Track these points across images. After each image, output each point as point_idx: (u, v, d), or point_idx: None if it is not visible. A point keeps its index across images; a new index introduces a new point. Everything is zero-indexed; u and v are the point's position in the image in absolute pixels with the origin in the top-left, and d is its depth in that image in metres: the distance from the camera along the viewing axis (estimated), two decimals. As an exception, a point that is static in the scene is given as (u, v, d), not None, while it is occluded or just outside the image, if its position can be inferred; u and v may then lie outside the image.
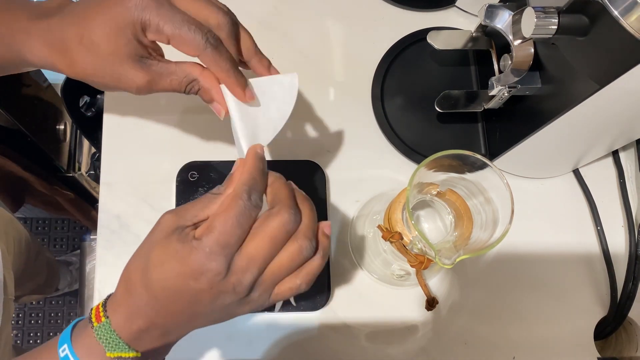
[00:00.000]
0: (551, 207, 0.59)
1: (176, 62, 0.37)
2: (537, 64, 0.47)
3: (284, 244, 0.33)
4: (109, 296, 0.36)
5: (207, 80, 0.37)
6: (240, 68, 0.40)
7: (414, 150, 0.58)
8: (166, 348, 0.37)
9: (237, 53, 0.39)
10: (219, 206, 0.33)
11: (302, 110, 0.60)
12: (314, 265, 0.34)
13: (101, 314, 0.34)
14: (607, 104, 0.43)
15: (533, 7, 0.40)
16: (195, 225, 0.33)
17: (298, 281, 0.34)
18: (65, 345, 0.34)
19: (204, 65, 0.38)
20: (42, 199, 1.03)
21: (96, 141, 0.86)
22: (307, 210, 0.35)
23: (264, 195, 0.35)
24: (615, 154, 0.60)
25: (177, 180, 0.55)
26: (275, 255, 0.33)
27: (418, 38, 0.61)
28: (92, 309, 0.35)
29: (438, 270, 0.55)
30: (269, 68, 0.41)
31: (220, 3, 0.39)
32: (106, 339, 0.33)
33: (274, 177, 0.35)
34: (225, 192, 0.34)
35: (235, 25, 0.39)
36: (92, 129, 0.78)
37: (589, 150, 0.54)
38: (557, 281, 0.56)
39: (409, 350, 0.53)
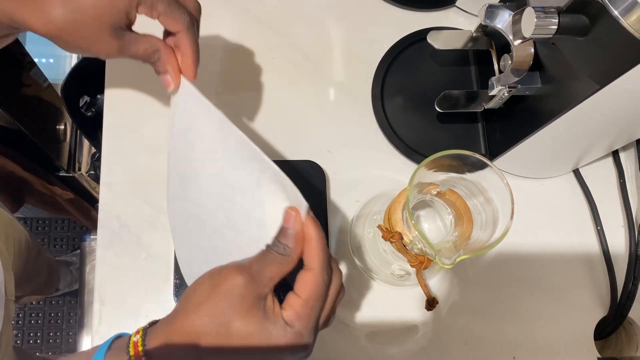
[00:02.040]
0: (551, 207, 0.59)
1: (143, 34, 0.41)
2: (537, 64, 0.47)
3: None
4: (144, 334, 0.34)
5: (168, 52, 0.41)
6: None
7: (414, 150, 0.58)
8: None
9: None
10: (302, 287, 0.34)
11: (303, 110, 0.60)
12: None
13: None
14: (607, 104, 0.43)
15: (533, 7, 0.40)
16: (271, 289, 0.34)
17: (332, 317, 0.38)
18: None
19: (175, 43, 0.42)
20: (42, 199, 1.03)
21: (96, 141, 0.86)
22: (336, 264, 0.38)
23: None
24: (615, 154, 0.60)
25: (177, 180, 0.55)
26: None
27: (418, 38, 0.61)
28: (129, 350, 0.33)
29: (438, 270, 0.55)
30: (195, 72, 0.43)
31: None
32: None
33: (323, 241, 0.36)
34: (295, 253, 0.34)
35: (200, 14, 0.44)
36: (92, 129, 0.78)
37: (589, 150, 0.54)
38: (557, 281, 0.56)
39: (409, 350, 0.53)
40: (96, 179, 1.02)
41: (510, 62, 0.48)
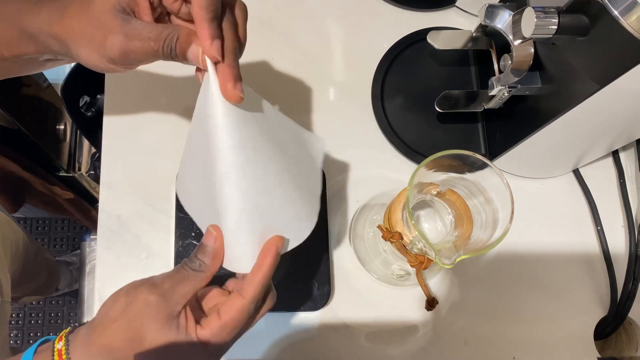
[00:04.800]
0: (551, 207, 0.59)
1: (157, 23, 0.35)
2: (537, 64, 0.47)
3: None
4: (67, 342, 0.35)
5: (187, 28, 0.33)
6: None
7: (414, 150, 0.58)
8: None
9: (244, 36, 0.36)
10: (226, 310, 0.34)
11: (303, 110, 0.60)
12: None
13: None
14: (607, 104, 0.43)
15: (533, 7, 0.40)
16: (185, 306, 0.34)
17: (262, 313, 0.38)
18: None
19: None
20: (42, 199, 1.03)
21: (96, 141, 0.86)
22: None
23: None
24: (615, 154, 0.60)
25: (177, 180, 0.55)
26: None
27: (418, 38, 0.61)
28: (53, 357, 0.34)
29: (438, 270, 0.55)
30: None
31: None
32: None
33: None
34: (209, 269, 0.35)
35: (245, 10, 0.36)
36: (92, 129, 0.78)
37: (589, 150, 0.54)
38: (557, 281, 0.56)
39: (409, 350, 0.53)
40: (96, 179, 1.02)
41: (510, 62, 0.48)
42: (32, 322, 1.36)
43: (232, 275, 0.38)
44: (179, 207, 0.54)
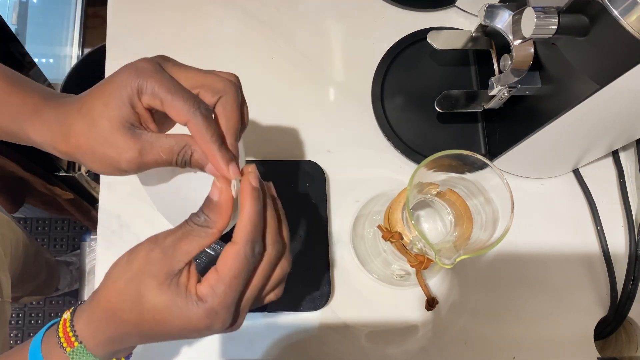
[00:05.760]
0: (551, 207, 0.59)
1: (167, 134, 0.35)
2: (537, 64, 0.47)
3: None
4: (73, 312, 0.35)
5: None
6: None
7: (414, 150, 0.58)
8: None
9: (237, 121, 0.37)
10: (222, 263, 0.32)
11: (303, 110, 0.60)
12: (285, 272, 0.36)
13: (72, 338, 0.34)
14: (607, 104, 0.43)
15: (533, 7, 0.40)
16: (187, 263, 0.33)
17: (276, 292, 0.36)
18: None
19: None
20: (42, 199, 1.03)
21: (96, 141, 0.85)
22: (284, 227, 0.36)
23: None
24: (615, 154, 0.60)
25: (177, 180, 0.55)
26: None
27: (418, 38, 0.61)
28: (58, 330, 0.34)
29: (438, 270, 0.55)
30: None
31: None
32: None
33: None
34: (215, 225, 0.33)
35: (240, 93, 0.37)
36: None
37: (589, 150, 0.54)
38: (557, 281, 0.56)
39: (409, 350, 0.53)
40: (96, 179, 1.02)
41: (510, 62, 0.48)
42: (32, 322, 1.36)
43: None
44: (179, 207, 0.54)
